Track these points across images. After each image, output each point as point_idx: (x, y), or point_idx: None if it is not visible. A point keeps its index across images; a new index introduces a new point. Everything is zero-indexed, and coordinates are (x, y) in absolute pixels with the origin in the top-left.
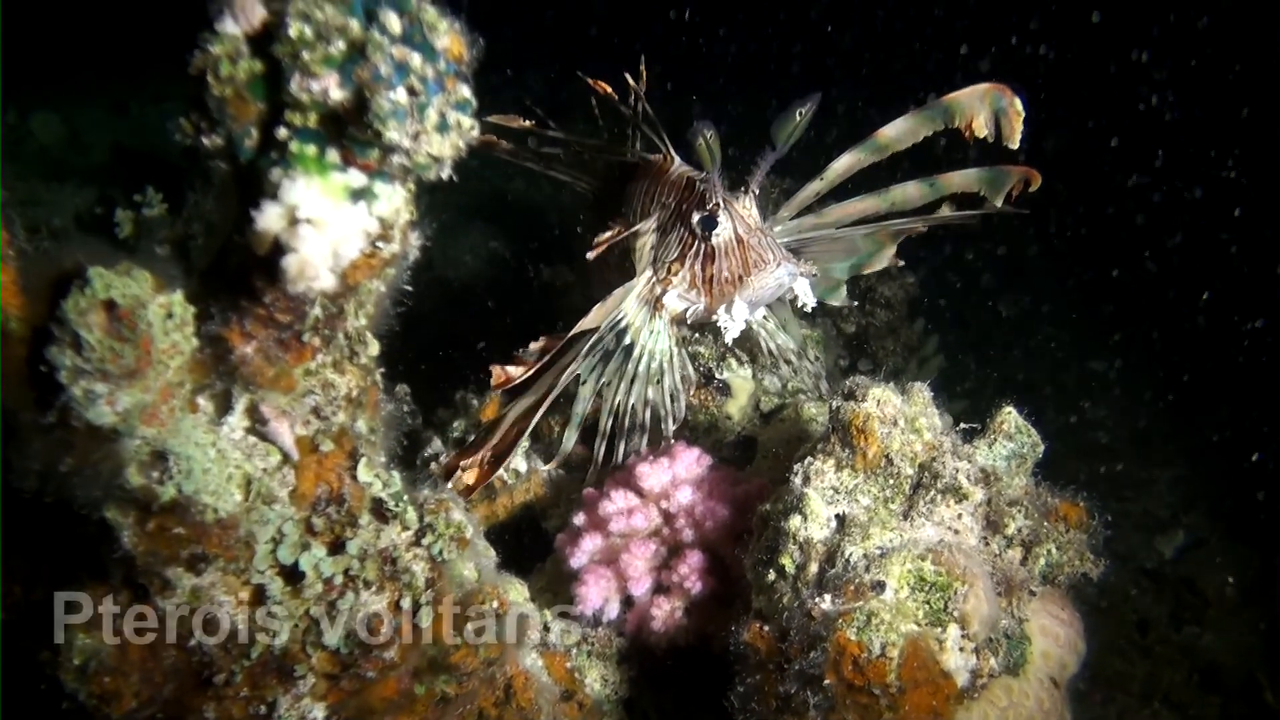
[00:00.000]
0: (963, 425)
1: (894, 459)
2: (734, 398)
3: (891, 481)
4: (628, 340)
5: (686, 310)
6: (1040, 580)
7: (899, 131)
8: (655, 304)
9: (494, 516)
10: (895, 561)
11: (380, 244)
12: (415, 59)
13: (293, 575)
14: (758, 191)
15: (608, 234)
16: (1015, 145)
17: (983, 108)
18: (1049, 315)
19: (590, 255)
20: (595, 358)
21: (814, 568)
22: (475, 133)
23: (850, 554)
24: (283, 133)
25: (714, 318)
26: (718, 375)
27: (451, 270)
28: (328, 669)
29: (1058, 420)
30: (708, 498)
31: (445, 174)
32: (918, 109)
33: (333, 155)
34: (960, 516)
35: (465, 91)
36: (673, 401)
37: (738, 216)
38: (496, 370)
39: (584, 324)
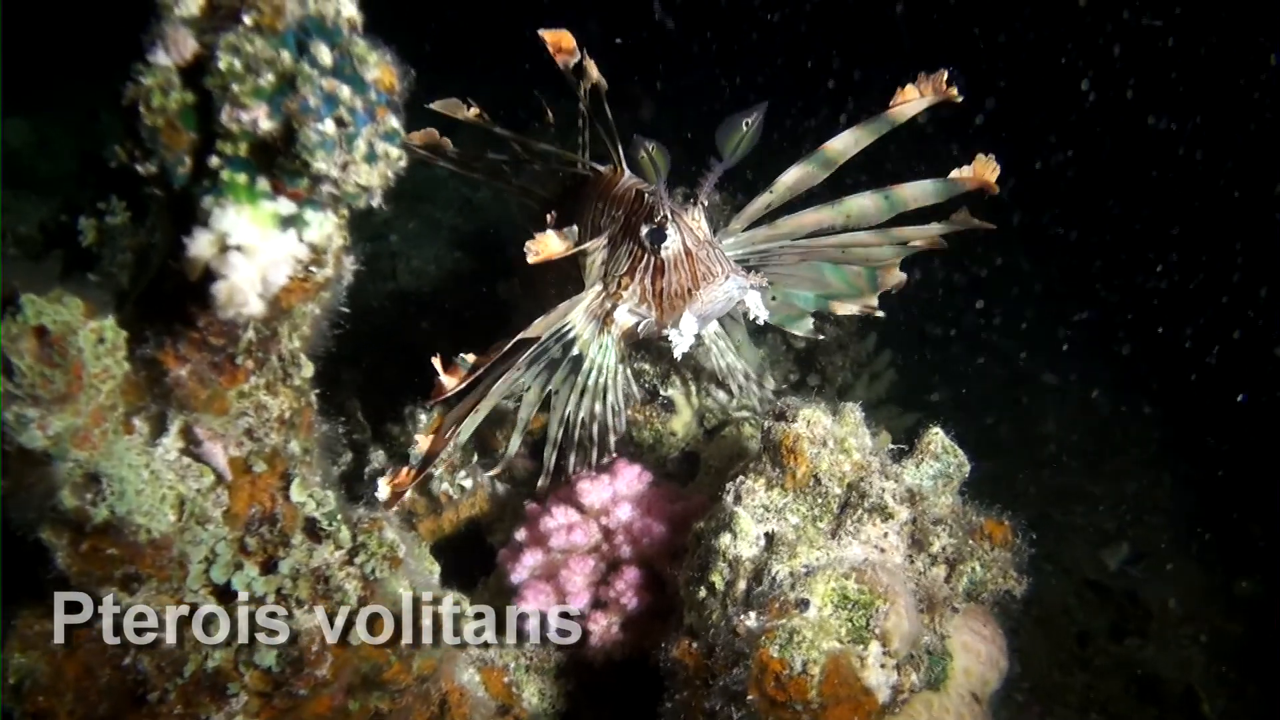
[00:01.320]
0: (891, 445)
1: (822, 479)
2: (678, 414)
3: (820, 501)
4: (575, 351)
5: (638, 325)
6: (964, 597)
7: (845, 144)
8: (605, 319)
9: (440, 531)
10: (820, 580)
11: (314, 268)
12: (344, 91)
13: (226, 594)
14: (706, 204)
15: (558, 246)
16: (957, 97)
17: (921, 103)
18: (1003, 328)
19: (531, 259)
20: (540, 365)
21: (742, 585)
22: (403, 163)
23: (777, 572)
24: (214, 161)
25: (664, 332)
26: (662, 392)
27: (414, 280)
28: (260, 687)
29: (1009, 433)
30: (646, 514)
31: (375, 202)
32: (863, 122)
33: (263, 184)
34: (886, 535)
35: (394, 122)
36: (614, 417)
37: (686, 229)
38: (437, 382)
39: (525, 334)
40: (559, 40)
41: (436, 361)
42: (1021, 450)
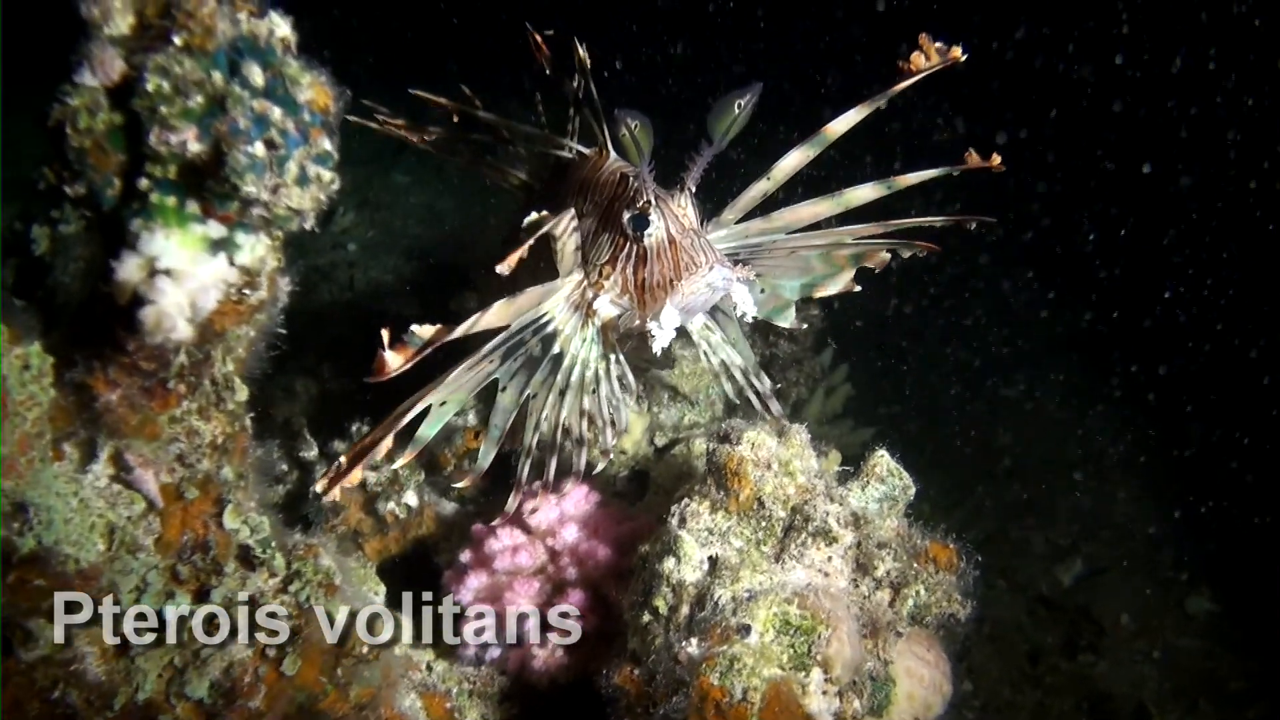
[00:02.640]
0: (838, 467)
1: (766, 502)
2: (628, 432)
3: (764, 524)
4: (556, 349)
5: (619, 317)
6: (908, 621)
7: (847, 125)
8: (587, 310)
9: (386, 551)
10: (762, 605)
11: (247, 291)
12: (276, 113)
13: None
14: (694, 190)
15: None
16: (960, 55)
17: (924, 69)
18: (961, 339)
19: (502, 268)
20: (517, 363)
21: (685, 610)
22: (336, 186)
23: (719, 597)
24: (143, 183)
25: (646, 326)
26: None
27: (372, 292)
28: (192, 719)
29: (966, 445)
30: (593, 536)
31: (308, 225)
32: (865, 101)
33: (193, 206)
34: (830, 559)
35: (327, 144)
36: (612, 410)
37: (671, 216)
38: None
39: (486, 321)
40: (542, 44)
41: (385, 333)
42: (978, 463)
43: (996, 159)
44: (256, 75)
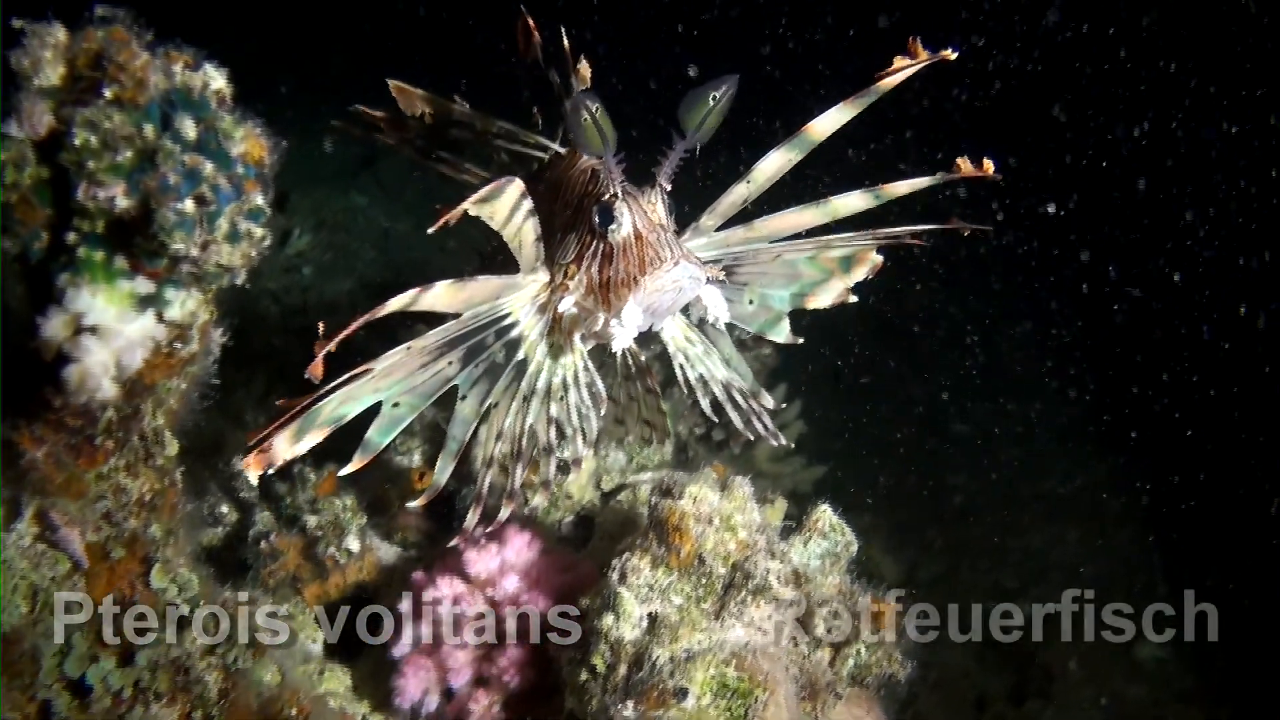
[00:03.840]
0: (780, 521)
1: (707, 558)
2: (574, 476)
3: (704, 581)
4: (521, 355)
5: (584, 320)
6: (848, 682)
7: (830, 122)
8: (554, 314)
9: (326, 597)
10: (699, 667)
11: (177, 344)
12: (208, 167)
13: (80, 689)
14: (668, 187)
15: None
16: (950, 55)
17: (912, 66)
18: (918, 373)
19: (431, 231)
20: (479, 370)
21: (623, 669)
22: (267, 242)
23: (657, 656)
24: (71, 238)
25: (609, 329)
26: (559, 453)
27: (325, 317)
28: None
29: (919, 484)
30: (533, 587)
31: (239, 281)
32: (849, 99)
33: (121, 262)
34: (770, 617)
35: (259, 199)
36: (581, 418)
37: (639, 211)
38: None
39: (429, 301)
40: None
41: (321, 325)
42: (930, 502)
43: (989, 166)
44: (189, 128)
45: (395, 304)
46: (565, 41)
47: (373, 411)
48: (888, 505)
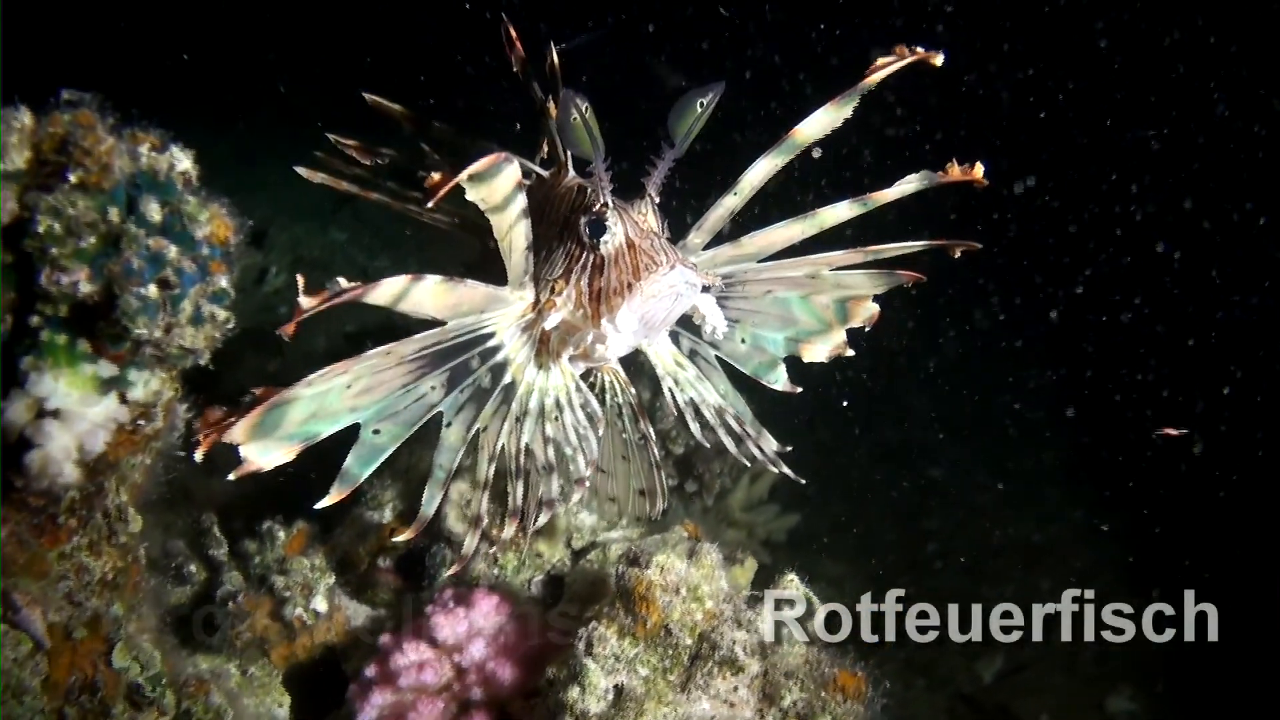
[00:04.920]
0: (748, 589)
1: (673, 629)
2: (543, 535)
3: (670, 652)
4: (508, 378)
5: (573, 336)
6: None
7: (816, 126)
8: (542, 336)
9: (294, 658)
10: None
11: (141, 421)
12: (172, 251)
13: None
14: (658, 198)
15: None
16: (938, 60)
17: (897, 64)
18: (892, 418)
19: (430, 204)
20: (464, 395)
21: None
22: (231, 324)
23: None
24: (34, 320)
25: (601, 332)
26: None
27: (302, 356)
28: None
29: (892, 530)
30: (501, 653)
31: (203, 362)
32: (834, 100)
33: (84, 345)
34: (736, 689)
35: (224, 281)
36: (580, 438)
37: (630, 221)
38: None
39: (417, 297)
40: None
41: (301, 279)
42: (904, 549)
43: (979, 171)
44: (154, 211)
45: (387, 288)
46: (554, 57)
47: (347, 441)
48: (862, 553)
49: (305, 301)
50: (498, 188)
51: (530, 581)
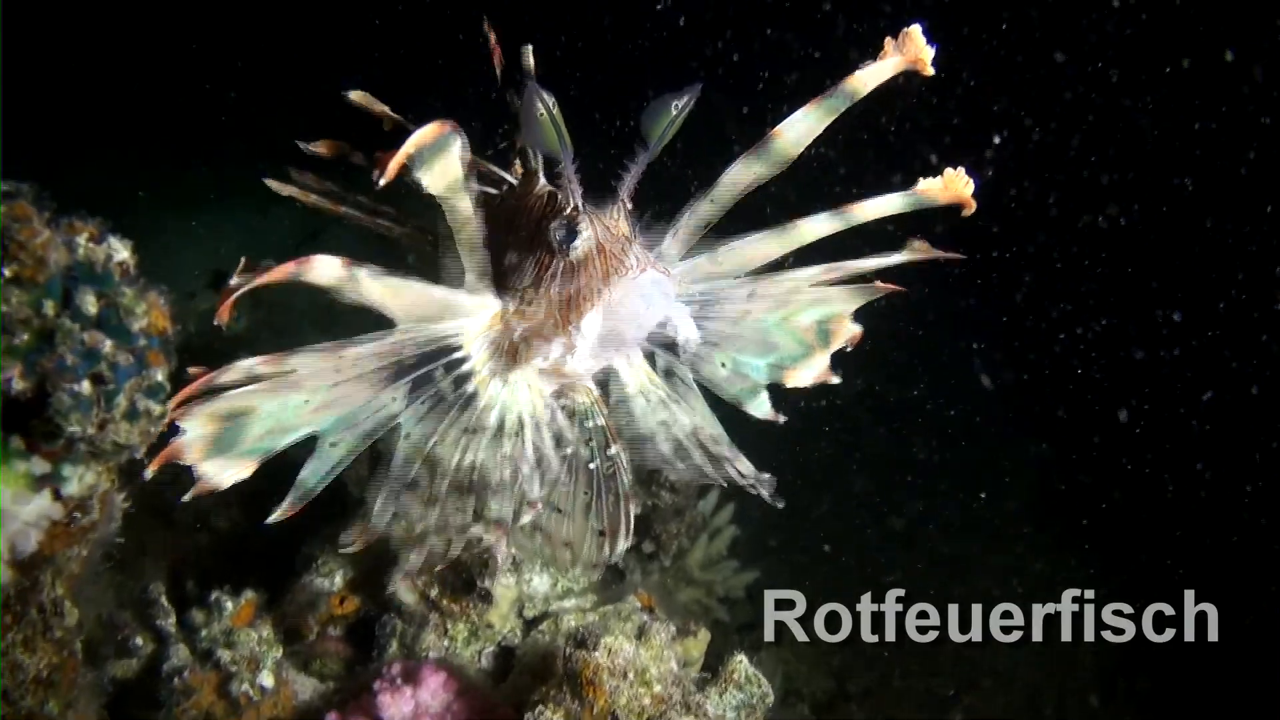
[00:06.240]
0: (696, 674)
1: (620, 714)
2: (495, 606)
3: None
4: (471, 388)
5: (539, 348)
6: None
7: (799, 130)
8: (510, 347)
9: None
10: None
11: (77, 514)
12: (107, 345)
13: None
14: (630, 205)
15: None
16: (929, 68)
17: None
18: (857, 466)
19: (381, 180)
20: (425, 406)
21: None
22: (166, 420)
23: None
24: None
25: (570, 339)
26: (480, 583)
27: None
28: None
29: (856, 582)
30: None
31: (139, 456)
32: (818, 99)
33: (17, 443)
34: None
35: (160, 375)
36: (540, 463)
37: (600, 225)
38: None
39: (367, 286)
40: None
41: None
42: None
43: (969, 191)
44: (90, 304)
45: (322, 268)
46: (529, 60)
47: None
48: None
49: (234, 280)
50: (448, 166)
51: (481, 653)
